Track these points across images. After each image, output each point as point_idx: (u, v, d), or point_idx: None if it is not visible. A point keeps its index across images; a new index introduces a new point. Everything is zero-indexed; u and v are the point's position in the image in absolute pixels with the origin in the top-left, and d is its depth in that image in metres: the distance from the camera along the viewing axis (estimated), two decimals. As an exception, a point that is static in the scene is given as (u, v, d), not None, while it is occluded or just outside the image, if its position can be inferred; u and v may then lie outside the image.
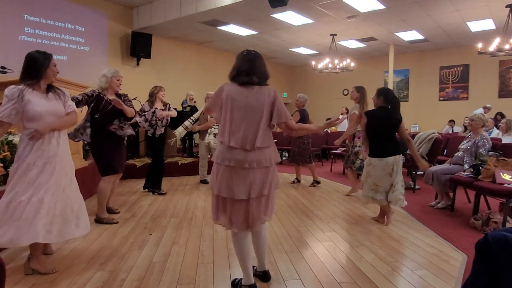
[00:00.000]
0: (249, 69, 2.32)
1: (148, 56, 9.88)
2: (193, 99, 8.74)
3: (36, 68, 2.67)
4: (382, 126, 3.83)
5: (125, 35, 9.80)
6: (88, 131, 3.79)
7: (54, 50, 8.28)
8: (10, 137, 3.37)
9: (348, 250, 3.12)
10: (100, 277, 2.54)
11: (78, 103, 3.72)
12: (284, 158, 9.91)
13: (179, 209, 4.47)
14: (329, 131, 9.97)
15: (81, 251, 3.03)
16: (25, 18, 7.81)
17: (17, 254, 2.95)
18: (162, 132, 5.21)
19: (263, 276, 2.49)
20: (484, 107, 9.83)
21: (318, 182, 6.14)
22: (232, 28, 9.85)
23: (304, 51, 12.65)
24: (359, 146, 5.17)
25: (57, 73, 2.85)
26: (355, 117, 4.91)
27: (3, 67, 5.40)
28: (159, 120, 5.09)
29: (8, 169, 3.20)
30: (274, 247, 3.15)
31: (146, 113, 5.07)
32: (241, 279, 2.35)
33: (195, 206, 4.66)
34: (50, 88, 2.76)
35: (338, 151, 7.79)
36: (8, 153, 3.27)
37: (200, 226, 3.78)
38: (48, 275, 2.55)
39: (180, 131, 5.71)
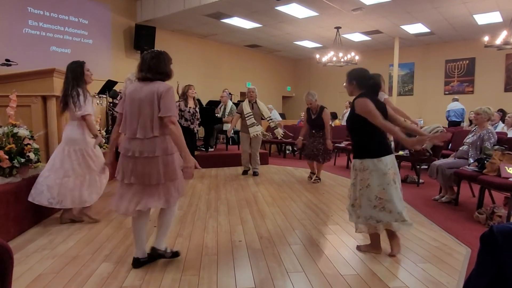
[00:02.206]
0: (141, 66, 2.57)
1: (152, 49, 9.87)
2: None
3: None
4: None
5: (128, 28, 9.79)
6: None
7: (58, 43, 8.32)
8: (15, 130, 3.38)
9: (351, 243, 3.13)
10: (105, 268, 2.56)
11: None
12: (288, 151, 9.92)
13: (183, 202, 4.49)
14: (332, 125, 9.94)
15: (87, 243, 3.06)
16: (29, 11, 7.81)
17: (24, 245, 2.98)
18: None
19: (150, 250, 2.66)
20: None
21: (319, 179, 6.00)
22: (236, 21, 9.80)
23: (308, 44, 12.58)
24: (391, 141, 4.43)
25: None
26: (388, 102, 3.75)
27: (7, 60, 5.42)
28: (196, 119, 6.27)
29: (13, 162, 3.24)
30: (277, 240, 3.16)
31: (183, 112, 6.15)
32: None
33: (199, 199, 4.68)
34: None
35: (342, 145, 7.77)
36: (13, 145, 3.28)
37: (204, 218, 3.80)
38: (53, 267, 2.58)
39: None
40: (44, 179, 3.38)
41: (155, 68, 2.53)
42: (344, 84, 3.05)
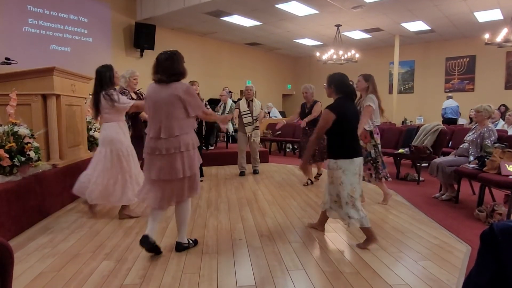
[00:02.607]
0: (157, 68, 2.73)
1: (151, 47, 9.85)
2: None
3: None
4: (353, 122, 3.11)
5: (128, 26, 9.77)
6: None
7: (58, 42, 8.31)
8: (16, 128, 3.38)
9: (351, 241, 3.13)
10: (106, 266, 2.57)
11: None
12: (288, 150, 9.92)
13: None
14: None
15: (87, 241, 3.07)
16: (29, 9, 7.79)
17: (25, 243, 2.99)
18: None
19: (176, 245, 2.87)
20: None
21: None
22: (236, 19, 9.78)
23: (308, 42, 12.55)
24: (379, 143, 4.30)
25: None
26: (370, 110, 4.08)
27: (7, 58, 5.42)
28: None
29: (14, 160, 3.24)
30: (278, 238, 3.17)
31: None
32: None
33: (199, 197, 4.68)
34: None
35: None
36: (14, 144, 3.28)
37: (204, 217, 3.80)
38: (54, 265, 2.59)
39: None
40: (84, 176, 3.67)
41: (169, 69, 2.69)
42: (324, 85, 3.29)
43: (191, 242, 2.94)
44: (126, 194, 3.59)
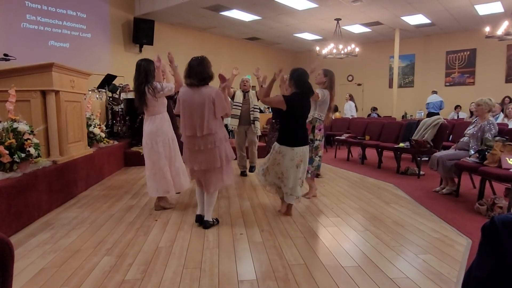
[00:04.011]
0: (189, 72, 3.12)
1: (150, 42, 9.81)
2: None
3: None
4: (301, 116, 3.59)
5: (127, 21, 9.72)
6: None
7: (56, 37, 8.28)
8: (15, 125, 3.37)
9: (352, 235, 3.14)
10: (107, 262, 2.57)
11: None
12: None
13: (184, 195, 4.50)
14: (333, 117, 9.92)
15: (88, 237, 3.07)
16: (27, 5, 7.75)
17: (26, 240, 3.00)
18: None
19: (204, 223, 3.29)
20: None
21: None
22: (235, 14, 9.73)
23: (308, 36, 12.49)
24: (319, 140, 4.30)
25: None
26: (314, 96, 3.95)
27: (6, 55, 5.40)
28: None
29: (14, 157, 3.24)
30: (278, 233, 3.17)
31: None
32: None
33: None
34: None
35: (343, 137, 7.76)
36: (13, 140, 3.28)
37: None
38: (55, 261, 2.59)
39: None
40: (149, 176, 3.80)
41: (200, 74, 3.08)
42: (286, 76, 3.72)
43: (214, 221, 3.35)
44: (178, 183, 3.85)
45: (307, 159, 3.64)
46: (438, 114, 10.36)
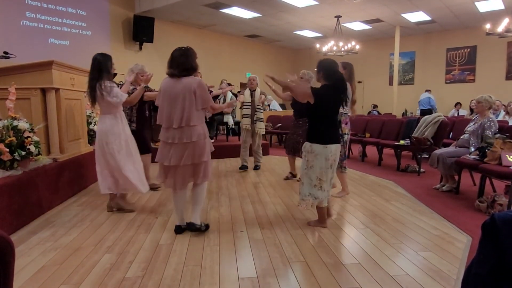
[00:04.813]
0: (171, 63, 2.98)
1: (150, 40, 9.80)
2: None
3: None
4: (332, 110, 3.19)
5: (127, 19, 9.70)
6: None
7: (56, 35, 8.26)
8: (15, 123, 3.37)
9: (352, 232, 3.14)
10: (108, 259, 2.58)
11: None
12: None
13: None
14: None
15: (89, 234, 3.08)
16: (26, 2, 7.74)
17: (27, 237, 3.00)
18: None
19: (189, 225, 3.09)
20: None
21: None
22: (236, 11, 9.71)
23: (308, 33, 12.47)
24: (347, 134, 4.25)
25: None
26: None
27: (6, 52, 5.39)
28: None
29: (14, 155, 3.24)
30: (278, 229, 3.17)
31: None
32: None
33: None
34: None
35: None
36: (14, 138, 3.28)
37: (205, 209, 3.81)
38: (56, 259, 2.60)
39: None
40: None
41: (182, 65, 2.93)
42: (315, 69, 3.32)
43: (203, 225, 3.09)
44: (128, 183, 3.57)
45: (338, 159, 3.24)
46: (430, 110, 10.44)
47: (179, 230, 3.08)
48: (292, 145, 5.20)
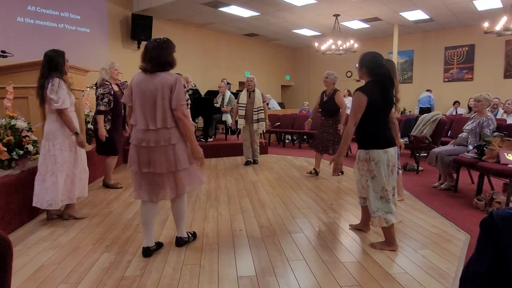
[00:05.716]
0: (144, 56, 2.56)
1: (149, 39, 9.72)
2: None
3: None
4: (385, 109, 2.79)
5: (125, 17, 9.68)
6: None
7: (54, 34, 8.24)
8: (13, 122, 3.36)
9: (351, 231, 3.14)
10: (106, 259, 2.57)
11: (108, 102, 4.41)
12: (287, 141, 9.91)
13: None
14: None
15: (88, 234, 3.07)
16: (24, 1, 7.70)
17: (25, 237, 2.99)
18: None
19: (176, 240, 2.81)
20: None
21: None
22: (234, 10, 9.69)
23: (306, 32, 12.46)
24: None
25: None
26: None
27: (3, 51, 5.36)
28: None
29: (12, 154, 3.23)
30: (278, 229, 3.18)
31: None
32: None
33: (199, 188, 4.67)
34: None
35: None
36: (11, 137, 3.26)
37: (204, 208, 3.81)
38: (54, 258, 2.60)
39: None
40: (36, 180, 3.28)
41: (155, 59, 2.51)
42: (356, 65, 2.95)
43: (190, 236, 2.88)
44: (71, 191, 3.35)
45: (396, 163, 2.87)
46: (429, 109, 10.48)
47: (147, 252, 2.60)
48: (322, 143, 5.37)
